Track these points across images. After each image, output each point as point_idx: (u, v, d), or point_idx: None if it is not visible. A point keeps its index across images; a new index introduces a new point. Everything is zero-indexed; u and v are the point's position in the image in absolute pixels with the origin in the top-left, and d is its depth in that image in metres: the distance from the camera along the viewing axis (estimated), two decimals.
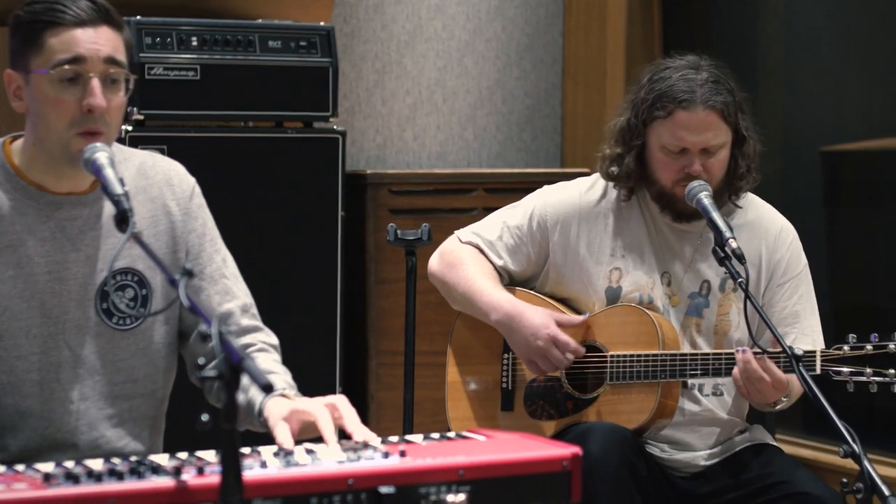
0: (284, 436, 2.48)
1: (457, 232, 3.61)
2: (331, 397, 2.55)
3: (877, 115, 4.89)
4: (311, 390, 2.70)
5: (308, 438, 2.51)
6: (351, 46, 5.21)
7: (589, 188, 3.53)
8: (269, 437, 2.49)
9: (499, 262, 3.53)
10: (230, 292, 2.87)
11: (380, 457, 2.23)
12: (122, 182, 2.53)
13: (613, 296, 3.44)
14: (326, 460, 2.21)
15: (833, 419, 2.74)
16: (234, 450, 2.01)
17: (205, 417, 2.02)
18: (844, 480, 2.71)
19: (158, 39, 4.33)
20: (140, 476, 2.10)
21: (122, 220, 2.46)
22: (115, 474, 2.09)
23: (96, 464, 2.22)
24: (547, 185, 3.59)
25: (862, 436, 2.72)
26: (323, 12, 4.82)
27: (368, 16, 5.25)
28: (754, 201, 3.52)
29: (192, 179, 2.90)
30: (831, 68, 5.02)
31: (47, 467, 2.19)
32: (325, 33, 4.59)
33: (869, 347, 3.22)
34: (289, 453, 2.25)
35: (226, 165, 4.42)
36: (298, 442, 2.43)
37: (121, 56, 2.68)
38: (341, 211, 4.59)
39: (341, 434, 2.47)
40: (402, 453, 2.24)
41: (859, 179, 5.01)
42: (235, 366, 2.05)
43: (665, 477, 3.38)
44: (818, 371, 3.23)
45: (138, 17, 4.30)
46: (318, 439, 2.46)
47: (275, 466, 2.17)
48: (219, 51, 4.43)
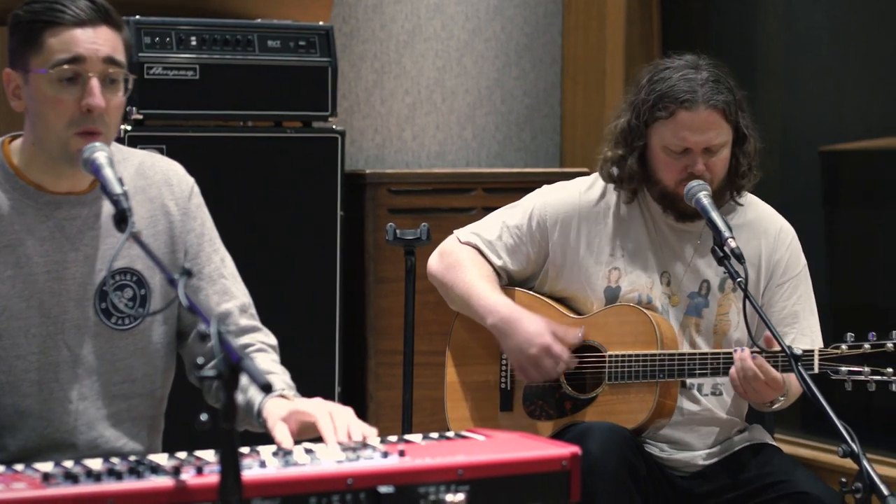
0: (283, 435, 2.48)
1: (456, 231, 3.60)
2: (330, 404, 2.55)
3: (876, 115, 4.89)
4: (309, 390, 2.70)
5: (307, 439, 2.51)
6: (350, 46, 5.21)
7: (588, 188, 3.53)
8: (268, 437, 2.49)
9: (498, 262, 3.53)
10: (228, 292, 2.87)
11: (379, 456, 2.23)
12: (121, 182, 2.53)
13: (612, 295, 3.44)
14: (325, 460, 2.20)
15: (832, 419, 2.73)
16: (233, 449, 2.01)
17: (203, 417, 2.02)
18: (843, 480, 2.70)
19: (157, 39, 4.33)
20: (139, 476, 2.10)
21: (121, 219, 2.46)
22: (114, 474, 2.09)
23: (95, 463, 2.22)
24: (546, 185, 3.59)
25: (861, 435, 2.72)
26: (322, 12, 4.82)
27: (367, 15, 5.25)
28: (754, 201, 3.52)
29: (190, 179, 2.90)
30: (830, 68, 5.02)
31: (46, 467, 2.19)
32: (324, 33, 4.59)
33: (867, 346, 3.22)
34: (288, 453, 2.25)
35: (225, 165, 4.41)
36: (297, 442, 2.43)
37: (120, 56, 2.68)
38: (340, 210, 4.59)
39: None
40: (401, 453, 2.24)
41: (858, 179, 5.01)
42: (234, 365, 2.04)
43: (664, 476, 3.38)
44: (816, 370, 3.23)
45: (137, 17, 4.30)
46: (317, 439, 2.47)
47: (274, 466, 2.16)
48: (218, 50, 4.43)
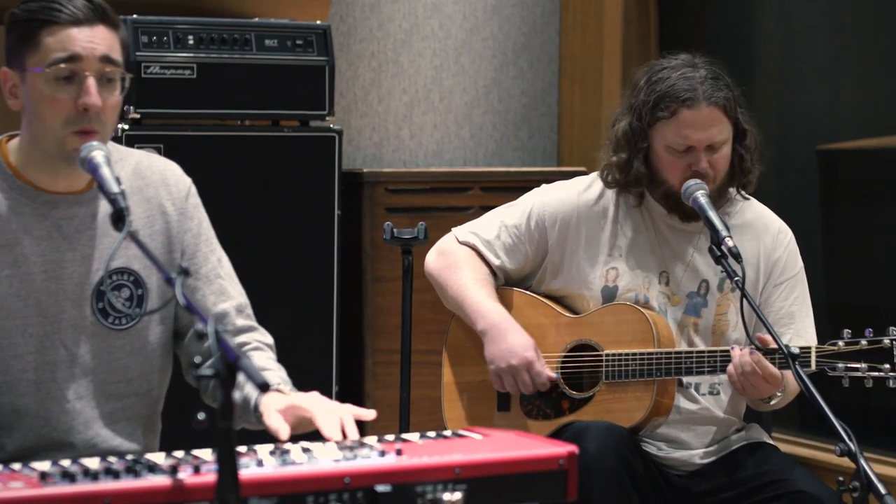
0: (279, 423, 2.48)
1: (454, 230, 3.60)
2: (329, 401, 2.55)
3: (873, 114, 4.89)
4: (307, 389, 2.70)
5: (304, 434, 2.51)
6: (347, 45, 5.21)
7: (587, 187, 3.53)
8: (266, 436, 2.49)
9: (496, 261, 3.53)
10: (225, 292, 2.87)
11: (376, 455, 2.23)
12: (118, 181, 2.53)
13: (609, 295, 3.44)
14: (323, 459, 2.20)
15: (830, 418, 2.74)
16: (231, 448, 2.00)
17: (201, 416, 2.02)
18: (841, 479, 2.71)
19: (155, 38, 4.33)
20: (136, 475, 2.10)
21: (119, 218, 2.46)
22: (112, 473, 2.09)
23: (92, 462, 2.22)
24: (544, 184, 3.59)
25: (858, 434, 2.72)
26: (319, 11, 4.82)
27: (365, 14, 5.25)
28: (752, 202, 3.53)
29: (188, 179, 2.90)
30: (827, 67, 5.02)
31: (44, 466, 2.18)
32: (321, 32, 4.59)
33: (864, 342, 3.22)
34: (285, 452, 2.25)
35: (222, 164, 4.41)
36: (294, 438, 2.42)
37: (116, 55, 2.68)
38: (338, 209, 4.59)
39: None
40: (399, 452, 2.24)
41: (855, 178, 5.01)
42: (232, 364, 2.04)
43: (661, 475, 3.38)
44: (813, 367, 3.23)
45: (135, 16, 4.30)
46: (313, 435, 2.46)
47: (271, 465, 2.16)
48: (215, 49, 4.43)
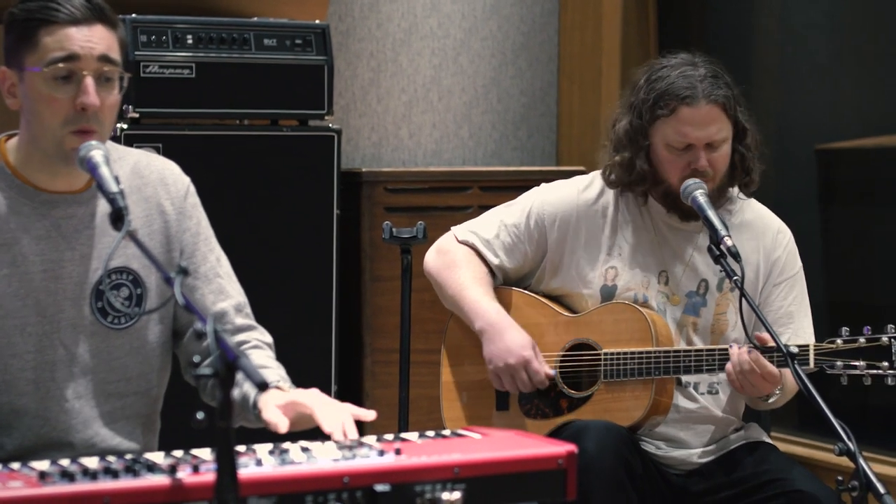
0: (278, 417, 2.48)
1: (454, 229, 3.60)
2: (329, 399, 2.55)
3: (872, 113, 4.89)
4: (306, 388, 2.70)
5: (303, 432, 2.51)
6: (346, 44, 5.20)
7: (586, 187, 3.53)
8: (265, 435, 2.49)
9: (495, 260, 3.53)
10: (224, 291, 2.87)
11: (375, 455, 2.23)
12: (117, 180, 2.53)
13: (608, 294, 3.44)
14: (322, 458, 2.20)
15: (828, 417, 2.73)
16: (230, 448, 2.00)
17: (200, 415, 2.02)
18: (840, 478, 2.71)
19: (153, 37, 4.33)
20: (135, 474, 2.10)
21: (118, 218, 2.46)
22: (111, 472, 2.09)
23: (91, 462, 2.22)
24: (544, 184, 3.59)
25: (857, 433, 2.72)
26: (318, 10, 4.81)
27: (364, 14, 5.25)
28: (752, 202, 3.53)
29: (186, 179, 2.90)
30: (827, 67, 5.02)
31: (43, 465, 2.18)
32: (320, 31, 4.59)
33: (862, 340, 3.21)
34: (284, 451, 2.25)
35: (221, 164, 4.41)
36: (293, 438, 2.42)
37: (115, 54, 2.68)
38: (336, 209, 4.59)
39: None
40: (398, 451, 2.24)
41: (854, 177, 5.01)
42: (231, 363, 2.04)
43: (660, 474, 3.38)
44: (812, 364, 3.23)
45: (133, 15, 4.29)
46: (313, 433, 2.46)
47: (270, 464, 2.16)
48: (214, 49, 4.43)
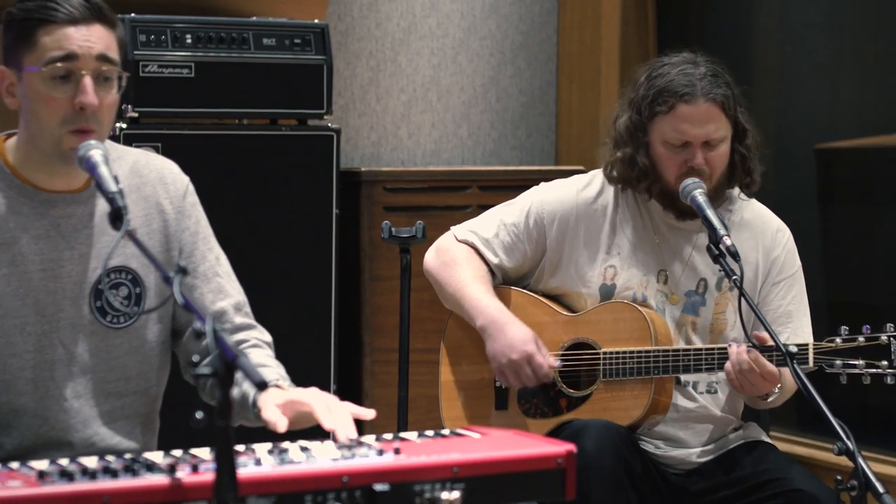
0: (277, 416, 2.47)
1: (453, 228, 3.60)
2: (328, 396, 2.55)
3: (871, 113, 4.89)
4: (305, 387, 2.70)
5: (302, 430, 2.51)
6: (345, 44, 5.20)
7: (585, 186, 3.53)
8: (265, 435, 2.49)
9: (494, 259, 3.53)
10: (223, 290, 2.86)
11: (374, 454, 2.23)
12: (116, 179, 2.53)
13: (607, 293, 3.44)
14: (321, 458, 2.20)
15: (827, 416, 2.74)
16: (229, 447, 2.00)
17: (199, 415, 2.02)
18: (839, 478, 2.71)
19: (153, 37, 4.33)
20: (134, 474, 2.10)
21: (117, 217, 2.46)
22: (110, 472, 2.09)
23: (91, 461, 2.22)
24: (543, 183, 3.59)
25: (856, 433, 2.72)
26: (317, 10, 4.81)
27: (363, 13, 5.25)
28: (751, 202, 3.53)
29: (185, 178, 2.90)
30: (826, 66, 5.02)
31: (42, 465, 2.18)
32: (319, 31, 4.59)
33: (861, 339, 3.22)
34: (283, 451, 2.25)
35: (220, 163, 4.41)
36: (293, 438, 2.42)
37: (113, 54, 2.68)
38: (336, 208, 4.59)
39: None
40: (397, 451, 2.24)
41: (853, 177, 5.01)
42: (230, 363, 2.04)
43: (659, 474, 3.38)
44: (811, 363, 3.23)
45: (132, 15, 4.30)
46: (312, 432, 2.46)
47: (269, 464, 2.16)
48: (213, 48, 4.43)
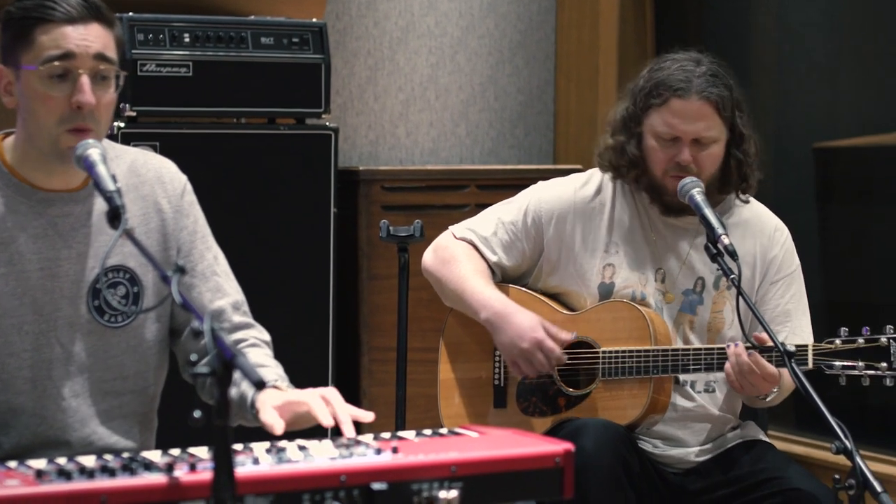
0: (274, 419, 2.47)
1: (451, 227, 3.60)
2: (322, 389, 2.55)
3: (870, 112, 4.89)
4: (303, 386, 2.70)
5: (301, 431, 2.51)
6: (343, 43, 5.20)
7: (583, 184, 3.53)
8: (263, 434, 2.49)
9: (493, 258, 3.53)
10: (221, 289, 2.86)
11: (372, 453, 2.23)
12: (114, 178, 2.53)
13: (606, 292, 3.44)
14: (319, 457, 2.20)
15: (825, 415, 2.74)
16: (227, 446, 2.00)
17: (197, 414, 2.02)
18: (837, 477, 2.71)
19: (151, 36, 4.33)
20: (132, 473, 2.09)
21: (115, 216, 2.46)
22: (108, 471, 2.09)
23: (88, 460, 2.21)
24: (541, 181, 3.59)
25: (854, 432, 2.72)
26: (315, 9, 4.81)
27: (361, 12, 5.25)
28: (749, 201, 3.53)
29: (183, 177, 2.90)
30: (824, 65, 5.02)
31: (40, 464, 2.18)
32: (317, 30, 4.59)
33: (860, 341, 3.22)
34: (281, 450, 2.25)
35: (218, 162, 4.41)
36: (291, 437, 2.42)
37: (111, 53, 2.67)
38: (334, 207, 4.59)
39: (335, 430, 2.47)
40: (395, 450, 2.24)
41: (852, 176, 5.01)
42: (228, 362, 2.04)
43: (657, 473, 3.38)
44: (810, 365, 3.23)
45: (130, 14, 4.29)
46: (310, 431, 2.46)
47: (267, 463, 2.16)
48: (211, 47, 4.42)
